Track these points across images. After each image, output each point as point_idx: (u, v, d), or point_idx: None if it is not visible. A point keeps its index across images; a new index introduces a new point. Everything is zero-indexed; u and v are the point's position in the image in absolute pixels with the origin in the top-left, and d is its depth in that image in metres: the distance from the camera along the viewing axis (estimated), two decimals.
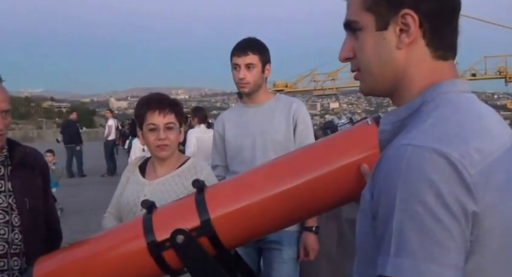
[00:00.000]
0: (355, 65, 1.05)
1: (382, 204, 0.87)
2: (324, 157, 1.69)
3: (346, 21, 1.04)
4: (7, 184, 2.12)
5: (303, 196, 1.66)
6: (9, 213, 2.09)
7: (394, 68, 0.99)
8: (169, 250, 1.70)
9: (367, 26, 1.00)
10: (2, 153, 2.15)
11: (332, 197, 1.68)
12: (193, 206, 1.73)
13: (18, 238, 2.10)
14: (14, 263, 2.09)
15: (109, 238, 1.91)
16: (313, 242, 2.78)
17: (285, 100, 2.91)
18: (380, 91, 1.06)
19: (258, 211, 1.69)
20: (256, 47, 2.79)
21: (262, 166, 1.92)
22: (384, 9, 0.97)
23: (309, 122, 2.89)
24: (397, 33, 0.97)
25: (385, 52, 0.99)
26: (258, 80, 2.79)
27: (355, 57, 1.04)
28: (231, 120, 2.94)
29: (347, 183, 1.60)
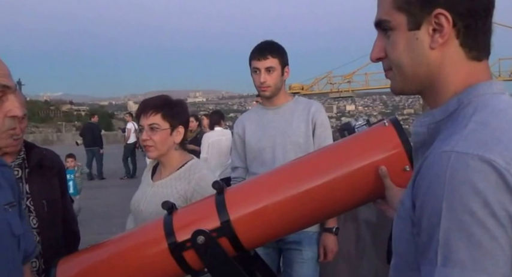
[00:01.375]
0: (387, 65, 1.05)
1: (427, 213, 0.85)
2: (342, 159, 1.69)
3: (377, 20, 1.03)
4: (25, 187, 2.13)
5: (321, 197, 1.67)
6: (27, 216, 2.07)
7: (427, 68, 0.98)
8: (190, 250, 1.72)
9: (399, 25, 0.99)
10: (19, 156, 2.17)
11: (350, 199, 1.69)
12: (213, 207, 1.75)
13: (37, 240, 2.10)
14: (33, 265, 2.08)
15: (130, 240, 1.93)
16: (332, 243, 2.79)
17: (304, 102, 2.93)
18: (411, 90, 1.05)
19: (277, 212, 1.70)
20: (275, 50, 2.80)
21: (282, 168, 1.94)
22: (417, 9, 0.96)
23: (327, 124, 2.90)
24: (430, 33, 0.96)
25: (418, 52, 0.98)
26: (278, 82, 2.81)
27: (387, 56, 1.03)
28: (251, 122, 2.95)
29: (365, 185, 1.61)
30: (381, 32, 1.04)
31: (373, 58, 1.07)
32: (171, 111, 2.27)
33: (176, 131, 2.27)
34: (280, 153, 2.77)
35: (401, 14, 0.98)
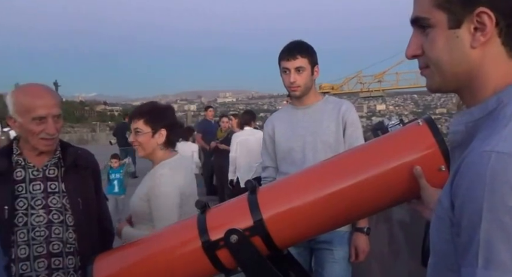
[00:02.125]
0: (424, 62, 1.03)
1: (467, 214, 0.84)
2: (375, 159, 1.68)
3: (415, 17, 1.02)
4: (61, 186, 2.18)
5: (354, 197, 1.66)
6: (63, 213, 2.15)
7: (467, 67, 0.96)
8: (223, 249, 1.74)
9: (439, 23, 0.97)
10: (55, 155, 2.22)
11: (383, 199, 1.67)
12: (246, 206, 1.75)
13: (72, 237, 2.16)
14: (69, 261, 2.15)
15: (164, 238, 1.94)
16: (364, 243, 2.77)
17: (334, 102, 2.91)
18: (449, 88, 1.03)
19: (310, 211, 1.70)
20: (304, 49, 2.79)
21: (314, 167, 1.93)
22: (458, 7, 0.94)
23: (358, 123, 2.87)
24: (471, 31, 0.94)
25: (458, 51, 0.96)
26: (308, 82, 2.79)
27: (423, 54, 1.02)
28: (281, 122, 2.95)
29: (399, 185, 1.59)
30: (417, 29, 1.02)
31: (408, 55, 1.05)
32: (153, 116, 2.48)
33: (159, 133, 2.46)
34: (310, 152, 2.75)
35: (442, 11, 0.96)
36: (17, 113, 2.11)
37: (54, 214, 2.13)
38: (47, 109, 2.09)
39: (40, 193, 2.13)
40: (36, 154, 2.18)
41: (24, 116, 2.09)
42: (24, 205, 2.10)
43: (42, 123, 2.09)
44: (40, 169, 2.17)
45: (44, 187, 2.15)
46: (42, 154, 2.18)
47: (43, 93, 2.15)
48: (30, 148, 2.17)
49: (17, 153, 2.17)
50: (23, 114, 2.09)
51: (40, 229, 2.10)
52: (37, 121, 2.08)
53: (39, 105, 2.08)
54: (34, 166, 2.17)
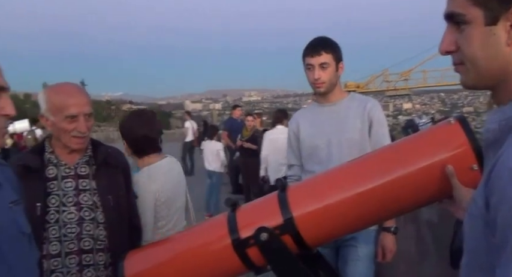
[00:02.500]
0: (458, 58, 1.02)
1: (502, 213, 0.83)
2: (406, 157, 1.66)
3: (449, 12, 1.00)
4: (92, 183, 2.20)
5: (384, 196, 1.65)
6: (94, 211, 2.17)
7: (502, 64, 0.96)
8: (253, 247, 1.74)
9: (475, 19, 0.96)
10: (86, 154, 2.24)
11: (414, 198, 1.66)
12: (276, 204, 1.75)
13: (103, 234, 2.17)
14: (99, 258, 2.17)
15: (195, 236, 1.96)
16: (391, 243, 2.73)
17: (359, 99, 2.85)
18: (484, 85, 1.02)
19: (340, 210, 1.70)
20: (328, 45, 2.73)
21: (345, 166, 1.91)
22: (495, 4, 0.93)
23: (384, 121, 2.82)
24: (507, 29, 0.93)
25: (494, 48, 0.95)
26: (333, 78, 2.73)
27: (458, 50, 1.01)
28: (306, 120, 2.90)
29: (430, 184, 1.58)
30: (452, 24, 1.01)
31: (442, 51, 1.04)
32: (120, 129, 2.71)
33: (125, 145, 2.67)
34: (335, 150, 2.71)
35: (478, 8, 0.95)
36: (50, 111, 2.14)
37: (85, 211, 2.15)
38: (79, 108, 2.12)
39: (72, 191, 2.16)
40: (68, 152, 2.20)
41: (56, 114, 2.12)
42: (56, 202, 2.13)
43: (74, 121, 2.12)
44: (72, 167, 2.20)
45: (75, 184, 2.17)
46: (73, 152, 2.21)
47: (75, 92, 2.18)
48: (62, 146, 2.20)
49: (49, 151, 2.20)
50: (56, 112, 2.12)
51: (71, 226, 2.13)
52: (69, 119, 2.11)
53: (72, 103, 2.11)
54: (66, 164, 2.19)
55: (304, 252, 1.79)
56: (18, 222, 1.43)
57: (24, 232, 1.45)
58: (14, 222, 1.41)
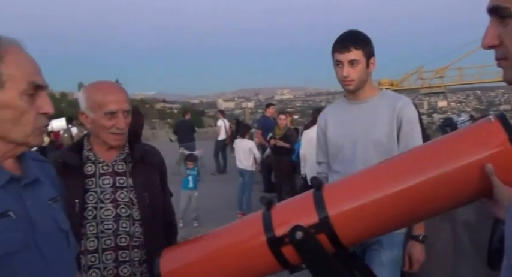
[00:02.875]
0: (501, 53, 1.00)
1: None
2: (444, 156, 1.63)
3: (494, 6, 0.98)
4: (128, 180, 2.23)
5: (422, 196, 1.62)
6: (130, 208, 2.19)
7: None
8: (288, 245, 1.73)
9: None
10: (123, 151, 2.27)
11: (452, 198, 1.63)
12: (311, 203, 1.74)
13: (139, 231, 2.19)
14: (135, 255, 2.19)
15: (230, 234, 1.96)
16: (419, 253, 2.59)
17: (390, 97, 2.68)
18: None
19: (376, 209, 1.68)
20: (358, 41, 2.58)
21: (381, 165, 1.89)
22: None
23: (415, 121, 2.62)
24: None
25: None
26: (363, 75, 2.59)
27: (501, 44, 0.98)
28: (333, 117, 2.78)
29: (469, 184, 1.55)
30: (496, 18, 0.98)
31: (485, 45, 1.01)
32: None
33: None
34: (360, 151, 2.58)
35: None
36: (89, 108, 2.17)
37: (121, 208, 2.18)
38: (118, 104, 2.15)
39: (109, 188, 2.19)
40: (106, 150, 2.24)
41: (96, 111, 2.15)
42: (94, 199, 2.17)
43: (113, 118, 2.15)
44: (109, 165, 2.23)
45: (112, 181, 2.20)
46: (111, 150, 2.24)
47: (114, 89, 2.21)
48: (100, 144, 2.23)
49: (87, 149, 2.24)
50: (95, 109, 2.15)
51: (108, 222, 2.16)
52: (108, 116, 2.14)
53: (111, 100, 2.14)
54: (104, 162, 2.23)
55: (340, 251, 1.77)
56: (56, 219, 1.45)
57: (62, 229, 1.47)
58: (52, 218, 1.43)
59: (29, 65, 1.35)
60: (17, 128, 1.33)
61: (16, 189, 1.35)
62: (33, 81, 1.33)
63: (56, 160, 2.19)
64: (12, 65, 1.30)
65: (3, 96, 1.29)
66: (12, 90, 1.29)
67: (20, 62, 1.32)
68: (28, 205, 1.35)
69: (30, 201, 1.36)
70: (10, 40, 1.34)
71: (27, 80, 1.31)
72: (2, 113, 1.30)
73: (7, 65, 1.29)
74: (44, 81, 1.38)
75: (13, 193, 1.33)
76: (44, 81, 1.38)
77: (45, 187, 1.47)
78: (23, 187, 1.37)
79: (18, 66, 1.31)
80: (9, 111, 1.30)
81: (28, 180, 1.39)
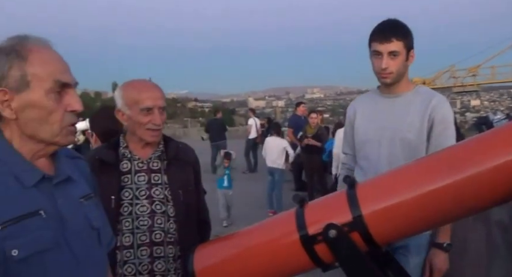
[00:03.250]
0: None
1: None
2: (480, 155, 1.60)
3: None
4: (163, 178, 2.25)
5: (457, 195, 1.60)
6: (165, 204, 2.22)
7: None
8: (321, 244, 1.72)
9: None
10: (158, 148, 2.30)
11: (487, 197, 1.60)
12: (344, 201, 1.73)
13: (173, 227, 2.22)
14: (169, 251, 2.22)
15: (263, 231, 1.95)
16: (442, 262, 2.45)
17: (425, 94, 2.50)
18: None
19: (411, 208, 1.65)
20: (400, 31, 2.41)
21: (416, 162, 1.86)
22: None
23: (450, 121, 2.46)
24: None
25: None
26: (402, 68, 2.43)
27: None
28: (363, 108, 2.64)
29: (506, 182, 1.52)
30: None
31: None
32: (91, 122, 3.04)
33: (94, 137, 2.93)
34: (387, 148, 2.46)
35: None
36: (126, 105, 2.21)
37: (156, 204, 2.21)
38: (153, 101, 2.19)
39: (144, 184, 2.22)
40: (142, 147, 2.28)
41: (132, 107, 2.20)
42: (130, 195, 2.20)
43: (149, 114, 2.18)
44: (145, 162, 2.26)
45: (148, 178, 2.24)
46: (147, 147, 2.28)
47: (150, 86, 2.25)
48: (136, 141, 2.27)
49: (123, 146, 2.29)
50: (131, 106, 2.20)
51: (144, 218, 2.19)
52: (144, 112, 2.18)
53: (147, 97, 2.18)
54: (139, 159, 2.26)
55: (373, 250, 1.75)
56: (88, 216, 1.46)
57: (94, 227, 1.48)
58: (84, 216, 1.44)
59: (54, 63, 1.34)
60: (44, 128, 1.33)
61: (48, 187, 1.36)
62: (58, 80, 1.32)
63: (92, 157, 2.23)
64: (36, 64, 1.30)
65: (29, 95, 1.30)
66: (38, 90, 1.30)
67: (45, 61, 1.32)
68: (59, 204, 1.36)
69: (61, 200, 1.37)
70: (35, 39, 1.35)
71: (53, 78, 1.31)
72: (29, 113, 1.31)
73: (31, 64, 1.30)
74: (72, 78, 1.38)
75: (45, 191, 1.34)
76: (71, 78, 1.37)
77: (77, 185, 1.48)
78: (55, 185, 1.38)
79: (43, 64, 1.31)
80: (36, 111, 1.31)
81: (60, 178, 1.40)
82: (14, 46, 1.31)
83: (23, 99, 1.30)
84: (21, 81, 1.29)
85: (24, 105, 1.30)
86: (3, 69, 1.30)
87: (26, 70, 1.30)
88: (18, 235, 1.24)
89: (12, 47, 1.31)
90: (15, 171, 1.31)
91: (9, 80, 1.29)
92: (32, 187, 1.31)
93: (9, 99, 1.30)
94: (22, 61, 1.30)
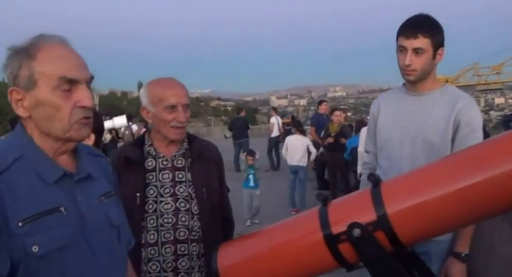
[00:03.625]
0: None
1: None
2: (508, 153, 1.55)
3: None
4: (187, 175, 2.26)
5: (485, 194, 1.56)
6: (189, 202, 2.23)
7: None
8: (346, 243, 1.70)
9: None
10: (182, 146, 2.32)
11: None
12: (369, 200, 1.70)
13: (197, 225, 2.23)
14: (193, 248, 2.22)
15: (287, 230, 1.94)
16: (458, 272, 2.34)
17: (452, 94, 2.40)
18: None
19: (437, 208, 1.62)
20: (428, 27, 2.32)
21: (442, 161, 1.82)
22: None
23: (477, 124, 2.35)
24: None
25: None
26: (427, 67, 2.34)
27: None
28: (387, 105, 2.57)
29: None
30: None
31: None
32: None
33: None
34: (408, 149, 2.39)
35: None
36: (151, 103, 2.23)
37: (181, 202, 2.22)
38: (177, 98, 2.20)
39: (169, 182, 2.24)
40: (166, 145, 2.29)
41: (156, 105, 2.21)
42: (154, 193, 2.22)
43: (173, 111, 2.20)
44: (169, 159, 2.28)
45: (172, 176, 2.25)
46: (171, 145, 2.30)
47: (174, 84, 2.26)
48: (160, 139, 2.29)
49: (148, 144, 2.30)
50: (156, 103, 2.21)
51: (168, 216, 2.20)
52: (169, 110, 2.19)
53: (171, 94, 2.20)
54: (164, 156, 2.28)
55: (398, 250, 1.72)
56: (108, 214, 1.47)
57: (113, 225, 1.48)
58: (104, 214, 1.45)
59: (62, 60, 1.35)
60: (54, 124, 1.34)
61: (69, 184, 1.37)
62: (64, 76, 1.33)
63: (118, 155, 2.27)
64: (43, 62, 1.32)
65: (37, 93, 1.32)
66: (45, 87, 1.32)
67: (52, 58, 1.34)
68: (80, 201, 1.37)
69: (82, 197, 1.39)
70: (50, 37, 1.37)
71: (59, 75, 1.32)
72: (39, 111, 1.33)
73: (38, 62, 1.32)
74: (81, 74, 1.37)
75: (66, 188, 1.36)
76: (80, 74, 1.37)
77: (98, 183, 1.49)
78: (76, 182, 1.39)
79: (49, 62, 1.33)
80: (45, 108, 1.33)
81: (81, 175, 1.41)
82: (25, 45, 1.34)
83: (32, 97, 1.33)
84: (29, 80, 1.32)
85: (34, 103, 1.33)
86: (14, 68, 1.33)
87: (33, 69, 1.32)
88: (38, 231, 1.25)
89: (23, 46, 1.34)
90: (38, 168, 1.33)
91: (20, 79, 1.33)
92: (53, 184, 1.33)
93: (21, 98, 1.34)
94: (30, 60, 1.32)
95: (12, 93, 1.34)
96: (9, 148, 1.34)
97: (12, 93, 1.34)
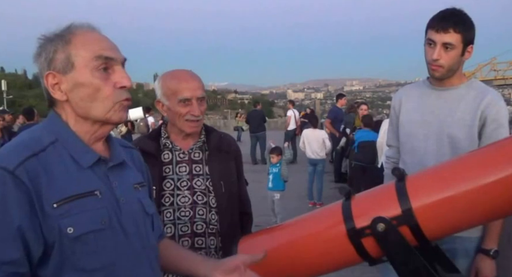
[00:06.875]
0: None
1: None
2: None
3: None
4: (205, 168, 2.22)
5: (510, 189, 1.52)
6: (206, 195, 2.19)
7: None
8: (369, 237, 1.68)
9: None
10: (200, 139, 2.27)
11: None
12: (393, 194, 1.67)
13: (215, 218, 2.19)
14: (211, 242, 2.19)
15: (309, 224, 1.91)
16: (488, 269, 2.31)
17: (478, 89, 2.34)
18: None
19: (463, 202, 1.59)
20: (461, 23, 2.23)
21: (467, 155, 1.80)
22: None
23: (503, 120, 2.30)
24: None
25: None
26: (455, 64, 2.27)
27: None
28: (410, 100, 2.49)
29: None
30: None
31: None
32: None
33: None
34: (434, 145, 2.34)
35: None
36: (165, 96, 2.19)
37: (198, 195, 2.19)
38: (191, 91, 2.16)
39: (186, 175, 2.20)
40: (183, 138, 2.25)
41: (170, 98, 2.17)
42: (171, 186, 2.19)
43: (187, 105, 2.15)
44: (186, 152, 2.24)
45: (189, 169, 2.21)
46: (188, 138, 2.25)
47: (188, 77, 2.21)
48: (177, 132, 2.25)
49: (164, 136, 2.27)
50: (170, 96, 2.17)
51: (185, 209, 2.17)
52: (183, 103, 2.15)
53: (185, 87, 2.15)
54: (180, 149, 2.24)
55: (423, 245, 1.69)
56: (142, 202, 1.48)
57: (148, 213, 1.50)
58: (138, 201, 1.46)
59: (98, 42, 1.37)
60: (95, 105, 1.35)
61: (103, 170, 1.38)
62: (100, 55, 1.34)
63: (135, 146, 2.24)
64: (79, 44, 1.34)
65: (75, 75, 1.33)
66: (83, 69, 1.33)
67: (88, 41, 1.35)
68: (114, 186, 1.38)
69: (116, 183, 1.39)
70: (79, 24, 1.38)
71: (95, 54, 1.33)
72: (78, 92, 1.34)
73: (74, 46, 1.33)
74: (118, 55, 1.39)
75: (100, 174, 1.36)
76: (116, 55, 1.39)
77: (131, 172, 1.50)
78: (110, 169, 1.40)
79: (85, 44, 1.34)
80: (85, 89, 1.34)
81: (115, 162, 1.42)
82: (58, 32, 1.36)
83: (70, 79, 1.34)
84: (67, 62, 1.33)
85: (73, 85, 1.34)
86: (49, 53, 1.34)
87: (70, 52, 1.33)
88: (74, 213, 1.26)
89: (56, 33, 1.36)
90: (73, 152, 1.33)
91: (56, 63, 1.34)
92: (87, 169, 1.34)
93: (58, 82, 1.34)
94: (66, 44, 1.34)
95: (48, 77, 1.34)
96: (45, 133, 1.35)
97: (48, 77, 1.34)
